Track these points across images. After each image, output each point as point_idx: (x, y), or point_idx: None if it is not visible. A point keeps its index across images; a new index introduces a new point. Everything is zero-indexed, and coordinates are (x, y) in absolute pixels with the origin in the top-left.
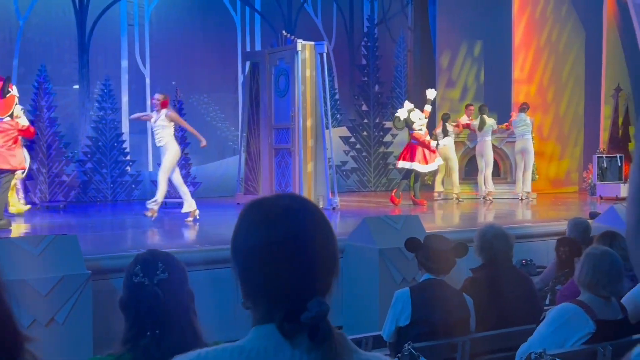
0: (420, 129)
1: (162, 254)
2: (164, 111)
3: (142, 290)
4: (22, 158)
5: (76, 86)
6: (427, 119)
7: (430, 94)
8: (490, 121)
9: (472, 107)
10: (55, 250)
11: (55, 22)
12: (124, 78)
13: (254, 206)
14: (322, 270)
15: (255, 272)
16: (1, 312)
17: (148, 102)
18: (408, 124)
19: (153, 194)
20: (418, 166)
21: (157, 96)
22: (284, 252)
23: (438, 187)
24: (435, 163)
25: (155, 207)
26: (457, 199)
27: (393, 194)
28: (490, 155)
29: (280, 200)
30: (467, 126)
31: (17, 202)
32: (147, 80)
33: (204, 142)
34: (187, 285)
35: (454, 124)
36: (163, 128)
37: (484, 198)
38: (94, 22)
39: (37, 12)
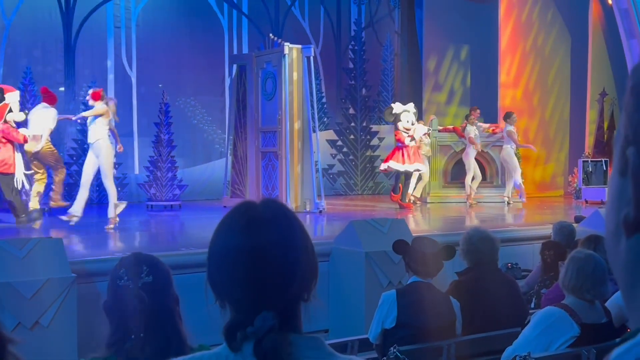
0: (406, 132)
1: (146, 257)
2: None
3: (126, 293)
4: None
5: (62, 88)
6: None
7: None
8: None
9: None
10: (40, 253)
11: (41, 24)
12: (110, 81)
13: (231, 210)
14: (279, 284)
15: (216, 276)
16: None
17: (134, 105)
18: (396, 120)
19: (139, 197)
20: (394, 164)
21: (89, 91)
22: (240, 260)
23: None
24: (414, 165)
25: (119, 210)
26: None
27: (397, 194)
28: (469, 163)
29: (252, 207)
30: (455, 130)
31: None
32: (134, 83)
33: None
34: (172, 288)
35: (441, 127)
36: (94, 123)
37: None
38: (80, 24)
39: (22, 13)
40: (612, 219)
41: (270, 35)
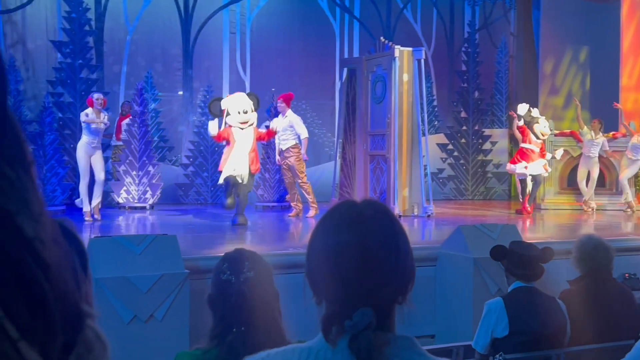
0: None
1: (248, 253)
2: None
3: (229, 287)
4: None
5: (180, 92)
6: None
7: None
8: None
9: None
10: (155, 249)
11: (162, 30)
12: (225, 85)
13: (332, 208)
14: (378, 282)
15: (316, 272)
16: (62, 285)
17: None
18: (531, 122)
19: (250, 198)
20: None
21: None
22: (341, 257)
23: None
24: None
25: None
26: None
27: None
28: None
29: (354, 206)
30: (573, 134)
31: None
32: (247, 87)
33: None
34: (272, 284)
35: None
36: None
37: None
38: (197, 30)
39: (144, 20)
40: None
41: (381, 38)
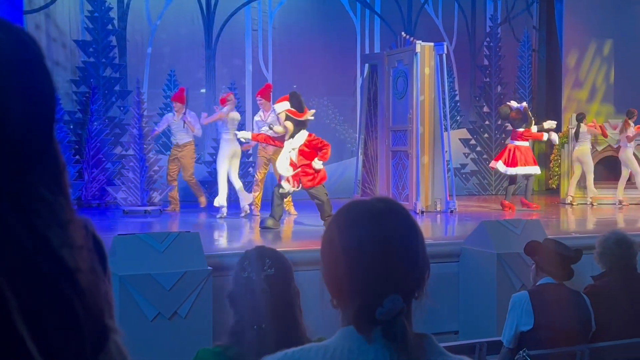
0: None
1: (269, 251)
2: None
3: (249, 285)
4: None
5: (203, 90)
6: None
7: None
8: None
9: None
10: (178, 246)
11: (184, 28)
12: (248, 82)
13: (343, 209)
14: (401, 271)
15: (335, 272)
16: (94, 308)
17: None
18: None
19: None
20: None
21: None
22: (363, 250)
23: (572, 191)
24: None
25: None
26: (591, 203)
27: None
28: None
29: (367, 202)
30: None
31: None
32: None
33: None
34: (293, 282)
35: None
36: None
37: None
38: (220, 27)
39: (167, 18)
40: None
41: (403, 33)
